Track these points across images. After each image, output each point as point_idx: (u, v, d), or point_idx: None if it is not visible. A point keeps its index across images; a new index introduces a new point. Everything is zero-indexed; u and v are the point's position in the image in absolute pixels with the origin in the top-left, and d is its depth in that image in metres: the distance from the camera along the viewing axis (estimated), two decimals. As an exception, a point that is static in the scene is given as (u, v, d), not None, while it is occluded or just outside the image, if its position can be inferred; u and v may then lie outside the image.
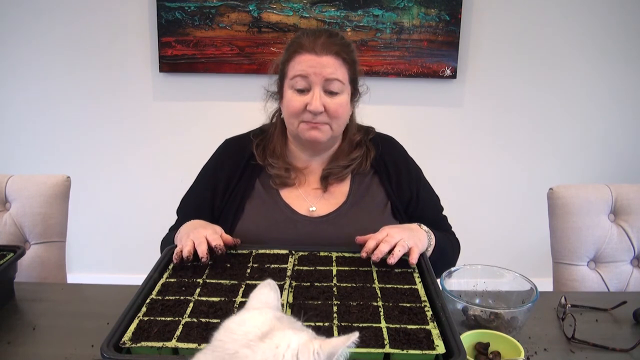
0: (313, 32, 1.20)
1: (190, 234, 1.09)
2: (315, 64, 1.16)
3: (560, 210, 1.45)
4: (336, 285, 0.98)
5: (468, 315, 0.99)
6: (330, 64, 1.17)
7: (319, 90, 1.18)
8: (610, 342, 0.99)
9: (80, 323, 1.06)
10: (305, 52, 1.17)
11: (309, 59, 1.17)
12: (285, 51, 1.23)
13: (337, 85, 1.18)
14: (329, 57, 1.17)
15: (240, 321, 0.56)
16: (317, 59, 1.16)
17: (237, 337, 0.54)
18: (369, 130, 1.36)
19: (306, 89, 1.19)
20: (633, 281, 1.44)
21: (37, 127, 2.61)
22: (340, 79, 1.19)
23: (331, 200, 1.29)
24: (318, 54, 1.16)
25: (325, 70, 1.16)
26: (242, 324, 0.55)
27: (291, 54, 1.20)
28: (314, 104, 1.17)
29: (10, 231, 1.46)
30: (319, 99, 1.17)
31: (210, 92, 2.56)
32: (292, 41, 1.23)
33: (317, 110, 1.17)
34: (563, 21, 2.49)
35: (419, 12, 2.42)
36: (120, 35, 2.49)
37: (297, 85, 1.19)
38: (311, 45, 1.17)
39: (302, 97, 1.19)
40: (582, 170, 2.68)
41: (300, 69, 1.17)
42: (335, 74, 1.18)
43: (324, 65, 1.16)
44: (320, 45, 1.17)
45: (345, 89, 1.21)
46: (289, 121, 1.24)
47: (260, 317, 0.57)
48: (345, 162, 1.29)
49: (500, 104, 2.60)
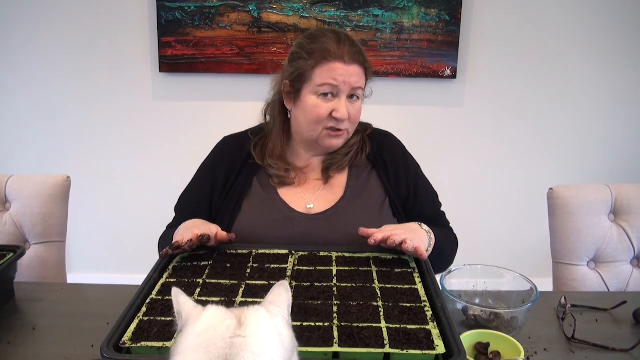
0: (336, 37, 1.19)
1: (186, 234, 1.10)
2: (344, 72, 1.18)
3: (560, 210, 1.45)
4: (336, 285, 0.98)
5: (468, 315, 0.99)
6: (357, 73, 1.20)
7: (345, 98, 1.20)
8: (610, 342, 0.99)
9: (80, 323, 1.06)
10: (335, 61, 1.17)
11: (339, 68, 1.17)
12: (308, 56, 1.19)
13: (360, 92, 1.23)
14: (356, 67, 1.19)
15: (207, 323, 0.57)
16: (346, 68, 1.18)
17: (221, 334, 0.54)
18: (367, 126, 1.37)
19: (332, 94, 1.19)
20: (633, 281, 1.44)
21: (37, 127, 2.61)
22: (362, 86, 1.23)
23: (329, 196, 1.29)
24: (347, 63, 1.18)
25: (353, 79, 1.19)
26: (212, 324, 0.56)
27: (319, 60, 1.18)
28: (341, 111, 1.18)
29: (10, 231, 1.46)
30: (345, 107, 1.19)
31: (210, 92, 2.56)
32: (313, 46, 1.19)
33: (344, 117, 1.19)
34: (563, 21, 2.50)
35: (419, 12, 2.42)
36: (120, 35, 2.49)
37: (323, 91, 1.19)
38: (340, 53, 1.17)
39: (327, 104, 1.19)
40: (582, 170, 2.68)
41: (331, 77, 1.17)
42: (359, 83, 1.21)
43: (352, 74, 1.18)
44: (347, 53, 1.18)
45: (362, 95, 1.25)
46: (310, 127, 1.23)
47: (220, 311, 0.58)
48: (345, 150, 1.30)
49: (500, 104, 2.60)
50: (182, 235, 1.11)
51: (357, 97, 1.22)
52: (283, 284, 0.65)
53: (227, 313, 0.58)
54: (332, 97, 1.19)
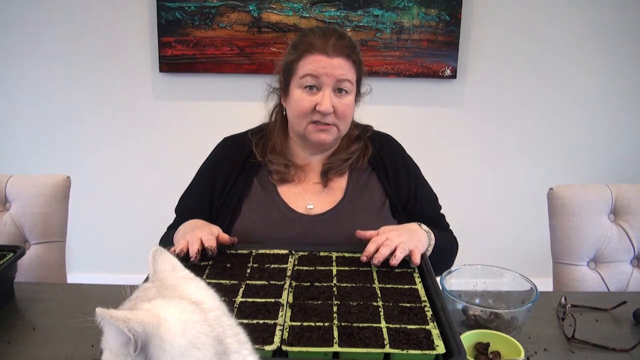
0: (323, 32, 1.20)
1: (187, 235, 1.10)
2: (326, 64, 1.17)
3: (560, 210, 1.45)
4: (336, 285, 0.98)
5: (468, 315, 0.99)
6: (342, 65, 1.18)
7: (329, 91, 1.18)
8: (610, 342, 0.99)
9: (80, 323, 1.05)
10: (317, 53, 1.17)
11: (320, 60, 1.17)
12: (294, 49, 1.22)
13: (347, 86, 1.20)
14: (340, 59, 1.18)
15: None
16: (328, 60, 1.17)
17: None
18: (367, 128, 1.37)
19: (316, 87, 1.19)
20: (633, 281, 1.44)
21: (38, 127, 2.61)
22: (350, 79, 1.20)
23: (329, 197, 1.29)
24: (330, 55, 1.17)
25: (337, 72, 1.17)
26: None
27: (302, 53, 1.19)
28: (324, 104, 1.17)
29: (10, 231, 1.46)
30: (329, 100, 1.18)
31: (210, 92, 2.56)
32: (300, 40, 1.22)
33: (327, 111, 1.18)
34: (563, 21, 2.49)
35: (419, 12, 2.42)
36: (120, 35, 2.49)
37: (307, 83, 1.19)
38: (323, 45, 1.17)
39: (311, 97, 1.19)
40: (582, 170, 2.68)
41: (311, 68, 1.17)
42: (345, 75, 1.19)
43: (335, 66, 1.17)
44: (331, 46, 1.17)
45: (352, 90, 1.23)
46: (297, 121, 1.24)
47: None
48: (345, 156, 1.30)
49: (500, 104, 2.60)
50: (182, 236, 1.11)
51: (346, 91, 1.20)
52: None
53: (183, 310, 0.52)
54: (317, 91, 1.19)
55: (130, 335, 0.45)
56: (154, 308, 0.49)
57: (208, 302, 0.54)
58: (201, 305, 0.53)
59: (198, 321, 0.50)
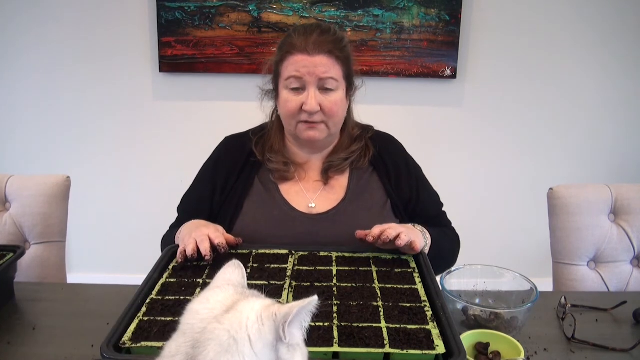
0: (304, 30, 1.19)
1: (193, 233, 1.09)
2: (308, 64, 1.16)
3: (560, 210, 1.45)
4: (336, 285, 0.98)
5: (468, 315, 0.99)
6: (324, 63, 1.17)
7: (314, 89, 1.18)
8: (610, 342, 0.99)
9: (80, 323, 1.06)
10: (298, 53, 1.16)
11: (301, 60, 1.16)
12: (278, 51, 1.22)
13: (332, 83, 1.19)
14: (322, 57, 1.16)
15: (204, 300, 0.56)
16: (309, 59, 1.16)
17: (203, 316, 0.53)
18: (368, 128, 1.37)
19: (301, 87, 1.18)
20: (633, 281, 1.44)
21: (37, 127, 2.61)
22: (334, 76, 1.18)
23: (331, 195, 1.29)
24: (310, 53, 1.16)
25: (319, 70, 1.16)
26: (206, 303, 0.55)
27: (284, 54, 1.19)
28: (309, 104, 1.17)
29: (10, 231, 1.45)
30: (314, 99, 1.17)
31: (210, 92, 2.56)
32: (283, 40, 1.22)
33: (312, 110, 1.18)
34: (564, 21, 2.49)
35: (419, 12, 2.42)
36: (120, 35, 2.49)
37: (292, 85, 1.19)
38: (303, 45, 1.16)
39: (297, 97, 1.19)
40: (582, 170, 2.68)
41: (294, 69, 1.17)
42: (328, 73, 1.17)
43: (317, 65, 1.16)
44: (312, 44, 1.16)
45: (340, 86, 1.21)
46: (287, 121, 1.25)
47: (222, 293, 0.57)
48: (345, 155, 1.29)
49: (500, 104, 2.60)
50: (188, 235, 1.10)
51: (331, 89, 1.19)
52: (234, 263, 0.64)
53: (227, 297, 0.56)
54: (302, 91, 1.19)
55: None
56: (219, 287, 0.58)
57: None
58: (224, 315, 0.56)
59: (203, 317, 0.55)
